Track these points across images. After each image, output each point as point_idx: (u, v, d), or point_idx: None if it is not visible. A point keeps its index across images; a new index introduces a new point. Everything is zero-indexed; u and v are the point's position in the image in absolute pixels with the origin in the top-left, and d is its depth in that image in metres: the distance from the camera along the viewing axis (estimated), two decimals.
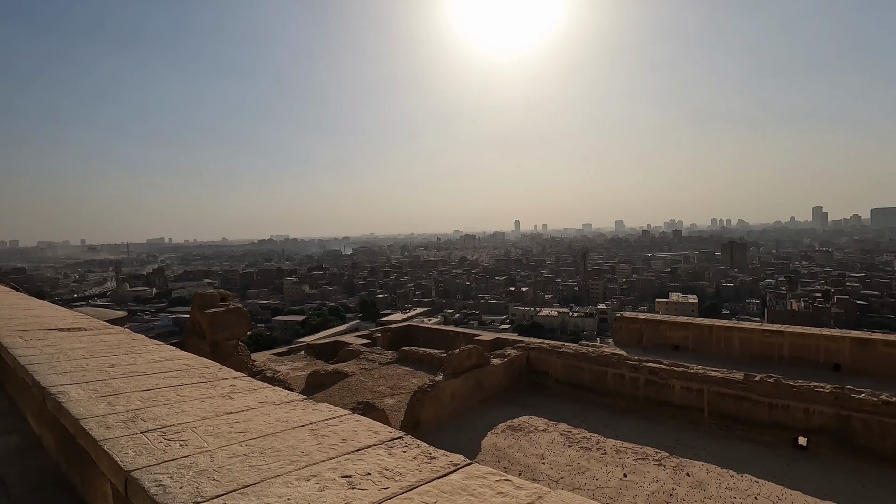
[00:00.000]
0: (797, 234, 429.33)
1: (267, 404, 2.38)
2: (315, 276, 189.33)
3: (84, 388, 2.74)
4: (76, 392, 2.69)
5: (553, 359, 12.13)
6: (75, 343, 3.79)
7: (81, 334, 4.03)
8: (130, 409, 2.41)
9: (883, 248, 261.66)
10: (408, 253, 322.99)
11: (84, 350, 3.58)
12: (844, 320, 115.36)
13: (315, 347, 22.68)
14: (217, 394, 2.60)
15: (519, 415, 10.61)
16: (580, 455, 8.63)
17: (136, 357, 3.34)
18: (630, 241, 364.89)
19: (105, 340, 3.79)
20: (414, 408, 9.84)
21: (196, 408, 2.39)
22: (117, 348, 3.64)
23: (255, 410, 2.28)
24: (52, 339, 3.98)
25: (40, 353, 3.47)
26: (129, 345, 3.71)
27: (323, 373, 13.73)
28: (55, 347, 3.65)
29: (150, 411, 2.37)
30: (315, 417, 2.15)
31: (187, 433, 2.07)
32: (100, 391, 2.72)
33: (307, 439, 1.89)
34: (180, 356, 3.18)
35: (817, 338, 15.30)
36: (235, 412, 2.28)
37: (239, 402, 2.44)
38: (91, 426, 2.19)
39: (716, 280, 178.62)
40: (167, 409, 2.38)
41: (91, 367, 3.07)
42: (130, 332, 4.21)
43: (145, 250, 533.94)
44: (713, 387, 9.63)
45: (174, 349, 3.46)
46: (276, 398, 2.43)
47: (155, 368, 3.04)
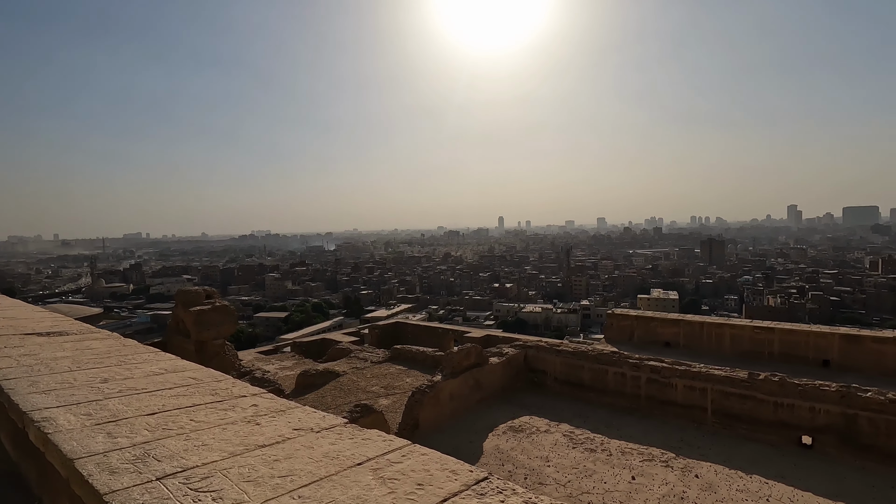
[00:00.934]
0: (773, 232, 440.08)
1: (304, 431, 1.95)
2: (298, 272, 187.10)
3: (75, 413, 2.27)
4: (65, 418, 2.21)
5: (552, 357, 11.90)
6: (57, 351, 3.31)
7: (63, 340, 3.53)
8: (137, 443, 1.94)
9: (854, 246, 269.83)
10: (392, 249, 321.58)
11: (69, 360, 3.09)
12: (818, 316, 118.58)
13: (302, 345, 22.16)
14: (238, 417, 2.17)
15: (519, 415, 10.35)
16: (585, 457, 8.41)
17: (132, 369, 2.87)
18: (612, 238, 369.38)
19: (92, 347, 3.32)
20: (412, 409, 9.51)
21: (219, 438, 1.94)
22: (107, 357, 3.16)
23: (294, 442, 1.85)
24: (29, 345, 3.49)
25: (17, 364, 2.98)
26: (120, 353, 3.24)
27: (314, 372, 13.28)
28: (34, 357, 3.16)
29: (162, 445, 1.91)
30: (370, 451, 1.74)
31: (217, 479, 1.63)
32: (95, 416, 2.23)
33: (374, 486, 1.49)
34: (183, 367, 2.75)
35: (807, 334, 15.39)
36: (269, 444, 1.84)
37: (269, 428, 2.01)
38: (90, 470, 1.73)
39: (695, 276, 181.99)
40: (183, 442, 1.91)
41: (80, 383, 2.59)
42: (120, 337, 3.76)
43: (121, 245, 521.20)
44: (717, 385, 9.50)
45: (174, 358, 3.02)
46: (312, 422, 2.02)
47: (157, 384, 2.58)
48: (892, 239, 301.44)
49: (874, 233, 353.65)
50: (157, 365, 2.92)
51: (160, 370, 2.84)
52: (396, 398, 12.04)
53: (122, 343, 3.49)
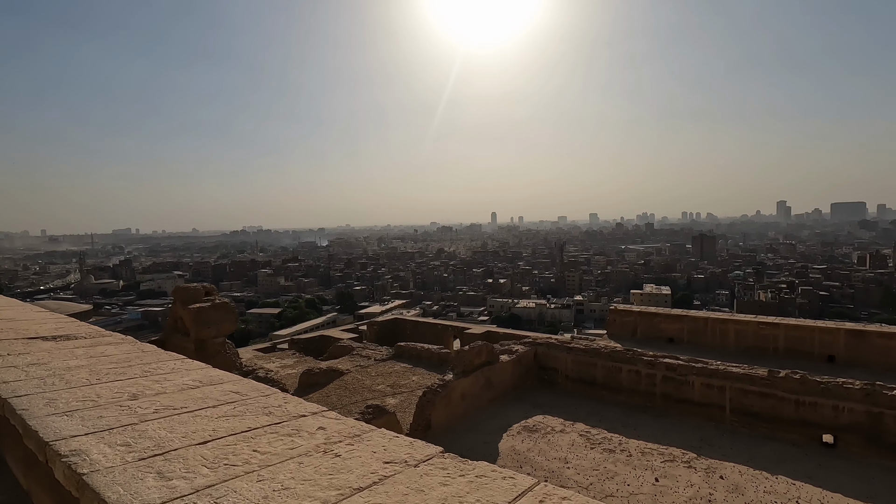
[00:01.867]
0: (763, 228, 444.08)
1: (399, 465, 1.57)
2: (290, 267, 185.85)
3: (110, 443, 1.84)
4: (100, 450, 1.78)
5: (563, 355, 11.66)
6: (69, 359, 2.92)
7: (73, 345, 3.16)
8: (200, 488, 1.52)
9: (842, 241, 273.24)
10: (385, 245, 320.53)
11: (86, 371, 2.68)
12: (808, 310, 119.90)
13: (300, 342, 21.80)
14: (310, 446, 1.78)
15: (532, 414, 10.10)
16: (605, 458, 8.18)
17: (161, 381, 2.48)
18: (604, 234, 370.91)
19: (108, 354, 2.94)
20: (424, 409, 9.22)
21: (298, 477, 1.54)
22: (128, 366, 2.79)
23: (394, 482, 1.47)
24: (36, 352, 3.10)
25: (26, 375, 2.59)
26: (141, 360, 2.91)
27: (317, 371, 12.94)
28: (45, 367, 2.76)
29: (232, 491, 1.50)
30: (497, 496, 1.37)
31: None
32: (136, 448, 1.81)
33: None
34: (219, 377, 2.38)
35: (812, 330, 15.30)
36: (367, 487, 1.46)
37: (353, 462, 1.64)
38: None
39: (687, 272, 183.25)
40: (258, 485, 1.51)
41: (106, 400, 2.19)
42: (135, 342, 3.39)
43: (111, 241, 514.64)
44: (735, 383, 9.31)
45: (205, 366, 2.65)
46: (401, 451, 1.67)
47: (196, 400, 2.17)
48: (879, 234, 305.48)
49: (861, 228, 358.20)
50: (187, 375, 2.57)
51: (194, 382, 2.46)
52: (404, 397, 11.75)
53: (141, 349, 3.11)
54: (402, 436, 1.74)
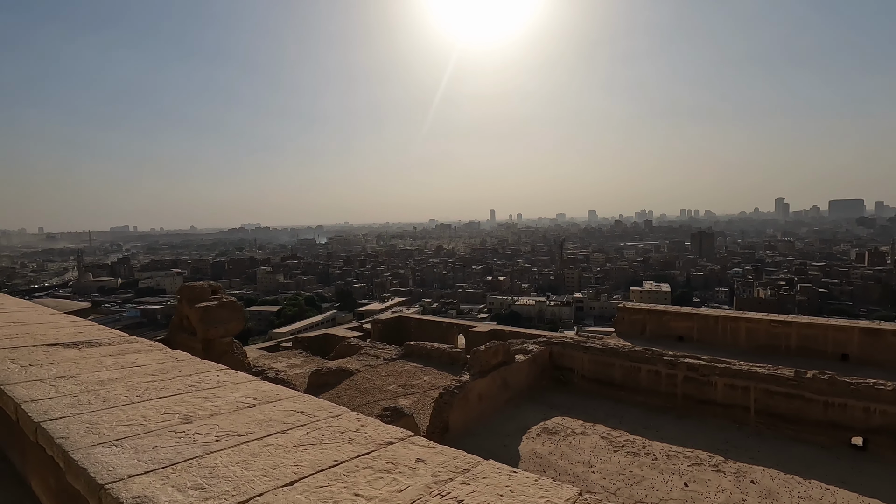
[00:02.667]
0: (761, 225, 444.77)
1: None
2: (289, 265, 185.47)
3: (178, 486, 1.50)
4: (169, 496, 1.45)
5: (579, 354, 11.43)
6: (99, 370, 2.63)
7: (99, 353, 2.91)
8: None
9: (840, 238, 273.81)
10: (383, 242, 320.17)
11: (122, 385, 2.39)
12: (808, 307, 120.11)
13: (303, 340, 21.56)
14: (420, 487, 1.47)
15: (550, 415, 9.87)
16: (630, 461, 7.95)
17: (210, 397, 2.17)
18: (603, 231, 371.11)
19: (140, 364, 2.73)
20: (441, 411, 8.98)
21: None
22: (167, 378, 2.50)
23: None
24: (60, 361, 2.80)
25: (55, 392, 2.29)
26: (179, 371, 2.64)
27: (327, 371, 12.69)
28: (74, 380, 2.47)
29: None
30: None
31: None
32: (213, 492, 1.48)
33: None
34: (274, 394, 2.09)
35: (825, 328, 15.09)
36: None
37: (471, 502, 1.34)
38: None
39: (686, 269, 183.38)
40: None
41: (156, 424, 1.88)
42: (165, 348, 3.11)
43: (108, 239, 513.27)
44: (760, 384, 9.09)
45: (252, 378, 2.34)
46: (529, 492, 1.38)
47: (259, 424, 1.87)
48: (877, 232, 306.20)
49: (859, 225, 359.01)
50: (237, 391, 2.26)
51: (248, 399, 2.15)
52: (416, 397, 11.51)
53: (175, 357, 2.82)
54: (519, 471, 1.47)
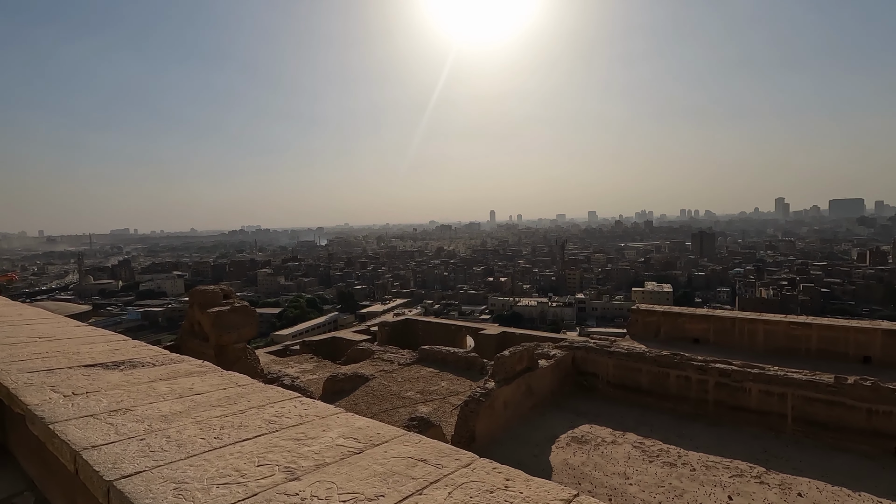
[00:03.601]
0: (761, 225, 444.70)
1: None
2: (290, 267, 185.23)
3: None
4: None
5: (603, 359, 11.11)
6: (155, 400, 2.29)
7: (146, 376, 2.63)
8: None
9: (841, 238, 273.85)
10: (384, 243, 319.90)
11: (191, 422, 2.03)
12: (810, 307, 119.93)
13: (311, 344, 21.20)
14: None
15: (577, 423, 9.55)
16: (667, 472, 7.62)
17: (302, 438, 1.83)
18: (603, 231, 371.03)
19: (198, 390, 2.42)
20: (468, 420, 8.65)
21: None
22: (238, 411, 2.15)
23: None
24: (106, 389, 2.45)
25: (117, 433, 1.90)
26: (246, 399, 2.31)
27: (342, 377, 12.37)
28: (133, 416, 2.10)
29: None
30: None
31: None
32: None
33: None
34: (375, 431, 1.68)
35: (847, 330, 14.78)
36: None
37: None
38: None
39: (687, 269, 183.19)
40: None
41: (257, 483, 1.53)
42: (217, 369, 2.77)
43: (108, 242, 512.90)
44: (798, 390, 8.77)
45: (338, 411, 1.94)
46: None
47: (382, 479, 1.56)
48: (878, 231, 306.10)
49: (860, 225, 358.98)
50: (329, 427, 1.91)
51: (348, 441, 1.79)
52: (436, 404, 11.19)
53: (234, 381, 2.46)
54: None
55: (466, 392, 11.90)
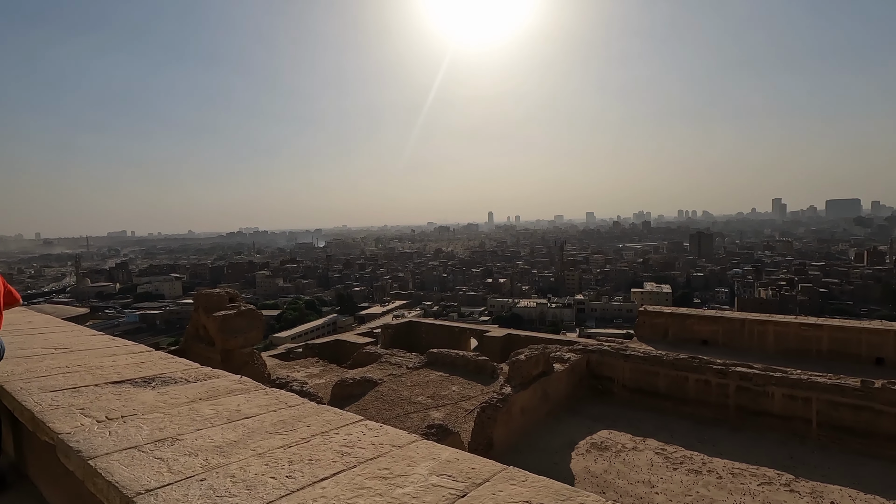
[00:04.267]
0: (759, 225, 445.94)
1: None
2: (288, 269, 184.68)
3: None
4: None
5: (619, 363, 10.89)
6: (202, 425, 2.02)
7: (183, 395, 2.36)
8: None
9: (838, 238, 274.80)
10: (382, 245, 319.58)
11: (253, 455, 1.76)
12: (809, 307, 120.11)
13: (314, 347, 20.92)
14: None
15: (595, 429, 9.32)
16: (693, 480, 7.40)
17: (389, 476, 1.60)
18: (601, 232, 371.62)
19: (246, 412, 2.14)
20: (485, 427, 8.42)
21: None
22: (301, 439, 1.88)
23: None
24: (143, 412, 2.17)
25: (170, 471, 1.63)
26: (304, 423, 2.03)
27: (351, 382, 12.11)
28: (182, 446, 1.82)
29: None
30: None
31: None
32: None
33: None
34: (468, 465, 1.40)
35: (859, 331, 14.59)
36: None
37: None
38: None
39: (686, 270, 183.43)
40: None
41: None
42: (259, 385, 2.51)
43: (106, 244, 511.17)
44: (823, 394, 8.56)
45: (413, 438, 1.72)
46: None
47: None
48: (875, 231, 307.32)
49: (857, 225, 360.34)
50: (415, 462, 1.67)
51: (446, 481, 1.54)
52: (448, 410, 10.94)
53: (283, 401, 2.19)
54: None
55: (478, 397, 11.66)
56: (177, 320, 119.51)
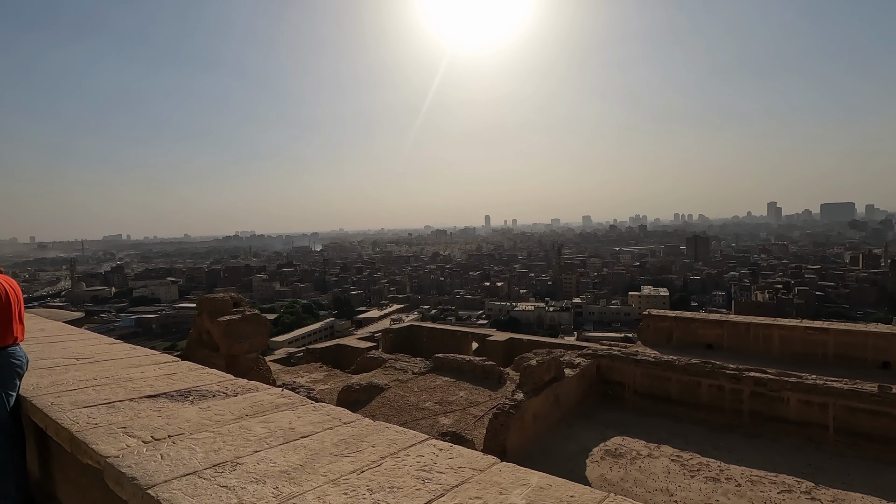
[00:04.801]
0: (754, 228, 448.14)
1: None
2: (285, 272, 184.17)
3: None
4: None
5: (630, 367, 10.78)
6: (258, 446, 1.82)
7: (228, 411, 2.15)
8: None
9: (833, 241, 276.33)
10: (379, 249, 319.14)
11: (329, 484, 1.57)
12: (805, 310, 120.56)
13: (316, 352, 20.70)
14: None
15: (608, 435, 9.19)
16: (711, 488, 7.28)
17: None
18: (598, 236, 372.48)
19: (300, 430, 1.94)
20: (498, 434, 8.29)
21: None
22: (373, 464, 1.72)
23: None
24: (190, 431, 1.94)
25: None
26: (368, 442, 1.90)
27: (357, 388, 11.96)
28: (245, 472, 1.64)
29: None
30: None
31: None
32: None
33: None
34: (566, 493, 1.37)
35: (865, 335, 14.52)
36: None
37: None
38: None
39: (682, 273, 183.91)
40: None
41: None
42: (304, 400, 2.35)
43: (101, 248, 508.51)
44: (839, 400, 8.47)
45: (492, 460, 1.56)
46: None
47: None
48: (869, 234, 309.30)
49: (851, 228, 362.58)
50: (507, 491, 1.47)
51: None
52: (457, 416, 10.80)
53: (336, 417, 2.05)
54: None
55: (486, 402, 11.54)
56: (173, 324, 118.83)
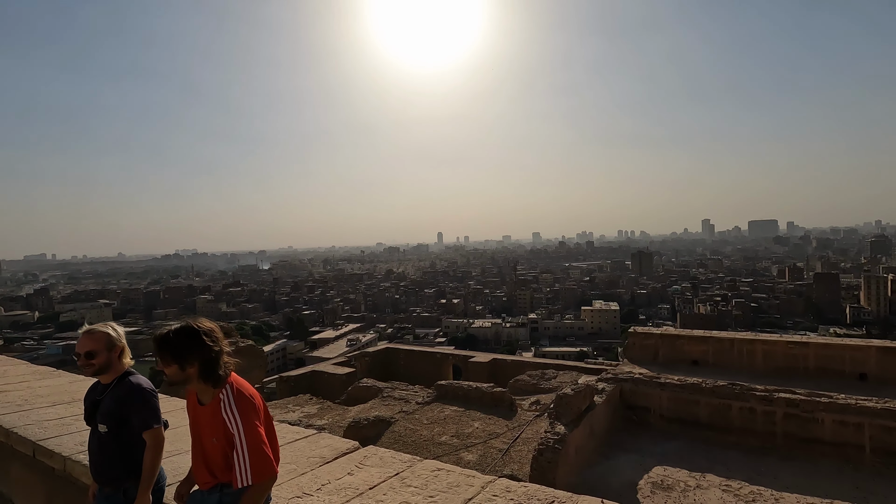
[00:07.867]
0: (691, 244, 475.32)
1: None
2: (232, 293, 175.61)
3: None
4: None
5: (655, 391, 10.52)
6: None
7: None
8: None
9: (761, 256, 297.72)
10: (331, 267, 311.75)
11: None
12: (742, 321, 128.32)
13: (289, 380, 19.26)
14: None
15: (647, 465, 8.80)
16: None
17: None
18: (548, 252, 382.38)
19: None
20: (546, 473, 7.68)
21: None
22: None
23: None
24: None
25: None
26: None
27: (365, 423, 11.00)
28: None
29: None
30: None
31: None
32: None
33: None
34: None
35: (842, 348, 15.12)
36: None
37: None
38: None
39: (630, 287, 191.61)
40: None
41: None
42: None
43: (22, 268, 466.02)
44: (874, 419, 8.51)
45: None
46: None
47: None
48: (791, 249, 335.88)
49: (776, 244, 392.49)
50: None
51: None
52: (480, 451, 10.09)
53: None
54: None
55: (506, 434, 10.91)
56: None
